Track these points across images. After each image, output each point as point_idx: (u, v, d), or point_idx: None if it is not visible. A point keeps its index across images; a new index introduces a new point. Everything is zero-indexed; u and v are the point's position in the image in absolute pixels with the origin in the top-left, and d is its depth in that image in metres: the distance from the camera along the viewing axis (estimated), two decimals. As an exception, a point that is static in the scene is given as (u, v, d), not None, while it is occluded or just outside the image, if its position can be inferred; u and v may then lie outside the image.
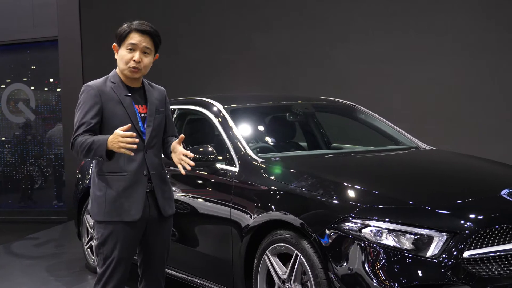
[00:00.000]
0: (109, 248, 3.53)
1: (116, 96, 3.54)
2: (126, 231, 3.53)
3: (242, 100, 5.66)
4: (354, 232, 3.52)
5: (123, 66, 3.56)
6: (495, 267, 3.43)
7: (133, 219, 3.52)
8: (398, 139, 5.48)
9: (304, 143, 5.88)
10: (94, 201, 3.58)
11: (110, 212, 3.51)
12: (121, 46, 3.57)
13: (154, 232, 3.68)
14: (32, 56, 11.37)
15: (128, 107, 3.55)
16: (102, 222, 3.55)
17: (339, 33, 8.70)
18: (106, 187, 3.52)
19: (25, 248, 7.84)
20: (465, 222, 3.51)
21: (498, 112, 7.96)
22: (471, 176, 4.49)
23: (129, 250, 3.59)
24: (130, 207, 3.51)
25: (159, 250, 3.73)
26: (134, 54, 3.52)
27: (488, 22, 8.02)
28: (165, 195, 3.69)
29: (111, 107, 3.52)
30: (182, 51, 9.49)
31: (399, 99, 8.30)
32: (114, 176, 3.52)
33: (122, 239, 3.53)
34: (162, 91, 3.80)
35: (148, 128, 3.60)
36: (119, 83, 3.59)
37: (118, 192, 3.51)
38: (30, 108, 11.17)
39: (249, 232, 4.14)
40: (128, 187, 3.52)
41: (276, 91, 8.67)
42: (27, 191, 11.35)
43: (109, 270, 3.55)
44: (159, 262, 3.76)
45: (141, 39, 3.52)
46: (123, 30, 3.55)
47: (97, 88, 3.54)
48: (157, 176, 3.64)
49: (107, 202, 3.51)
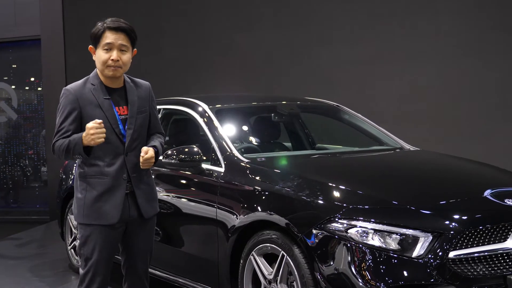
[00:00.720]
0: (89, 249, 3.54)
1: (95, 99, 3.49)
2: (105, 233, 3.53)
3: (227, 100, 5.66)
4: (340, 233, 3.53)
5: (101, 67, 3.51)
6: (480, 267, 3.47)
7: (110, 222, 3.51)
8: (382, 139, 5.51)
9: (289, 144, 5.89)
10: (75, 203, 3.60)
11: (88, 215, 3.52)
12: (97, 47, 3.51)
13: (135, 233, 3.67)
14: (14, 55, 11.28)
15: (107, 111, 3.50)
16: (82, 224, 3.56)
17: (323, 33, 8.72)
18: (85, 190, 3.53)
19: (8, 249, 7.77)
20: (450, 223, 3.54)
21: (481, 112, 8.02)
22: (455, 176, 4.52)
23: (109, 251, 3.58)
24: (108, 210, 3.50)
25: (141, 250, 3.72)
26: (111, 53, 3.47)
27: (474, 24, 8.08)
28: (147, 196, 3.66)
29: (89, 111, 3.48)
30: (165, 50, 9.47)
31: (384, 99, 8.34)
32: (94, 180, 3.52)
33: (101, 241, 3.53)
34: (147, 87, 3.75)
35: (128, 130, 3.56)
36: (98, 85, 3.53)
37: (97, 195, 3.50)
38: (12, 107, 11.09)
39: (235, 232, 4.14)
40: (107, 191, 3.51)
41: (260, 91, 8.67)
42: (9, 191, 11.26)
43: (90, 271, 3.56)
44: (142, 262, 3.75)
45: (116, 37, 3.46)
46: (97, 30, 3.49)
47: (75, 92, 3.50)
48: (138, 179, 3.61)
49: (85, 205, 3.52)
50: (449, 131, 8.07)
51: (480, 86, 8.04)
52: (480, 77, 8.03)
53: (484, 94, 8.01)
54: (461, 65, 8.09)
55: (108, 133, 3.43)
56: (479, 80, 8.04)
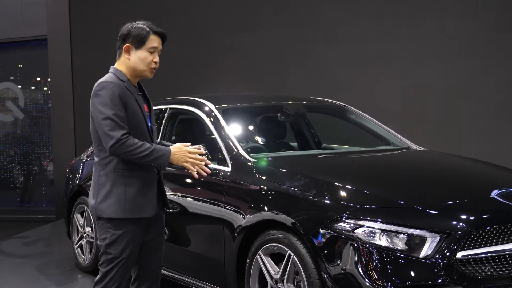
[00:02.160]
0: (119, 248, 3.50)
1: (131, 94, 3.55)
2: (137, 230, 3.53)
3: (233, 100, 5.66)
4: (347, 232, 3.53)
5: (143, 67, 3.60)
6: (488, 267, 3.46)
7: (150, 215, 3.56)
8: (389, 139, 5.50)
9: (295, 143, 5.89)
10: (110, 198, 3.50)
11: (131, 210, 3.49)
12: (139, 47, 3.58)
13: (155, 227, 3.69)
14: (21, 54, 11.30)
15: (141, 105, 3.60)
16: (114, 220, 3.50)
17: (328, 33, 8.71)
18: (124, 185, 3.50)
19: (14, 247, 7.80)
20: (458, 223, 3.53)
21: (487, 112, 8.01)
22: (462, 176, 4.51)
23: (136, 249, 3.58)
24: (147, 204, 3.55)
25: (157, 246, 3.73)
26: (154, 56, 3.62)
27: (479, 24, 8.06)
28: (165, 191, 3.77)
29: (131, 104, 3.52)
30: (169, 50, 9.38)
31: (390, 99, 8.33)
32: (134, 174, 3.51)
33: (133, 238, 3.52)
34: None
35: (153, 126, 3.70)
36: (128, 82, 3.58)
37: (138, 189, 3.52)
38: (19, 107, 11.11)
39: (242, 232, 4.14)
40: (146, 184, 3.56)
41: (264, 91, 8.67)
42: (16, 190, 11.28)
43: (114, 269, 3.51)
44: (157, 258, 3.75)
45: (159, 41, 3.64)
46: (143, 31, 3.56)
47: (118, 84, 3.51)
48: (161, 174, 3.71)
49: (127, 200, 3.49)
50: (456, 130, 8.05)
51: (486, 86, 8.02)
52: (487, 77, 8.02)
53: (490, 94, 8.00)
54: (467, 65, 8.07)
55: (145, 127, 3.56)
56: (485, 80, 8.03)
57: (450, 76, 8.15)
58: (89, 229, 6.06)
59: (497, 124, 7.95)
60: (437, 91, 8.19)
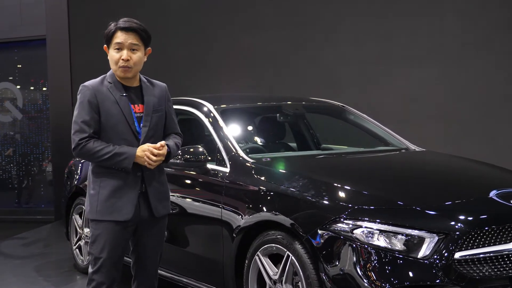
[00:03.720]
0: (98, 247, 3.55)
1: (112, 96, 3.54)
2: (115, 231, 3.54)
3: (232, 100, 5.66)
4: (345, 233, 3.53)
5: (114, 67, 3.57)
6: (486, 268, 3.46)
7: (124, 218, 3.53)
8: (388, 140, 5.50)
9: (294, 144, 5.89)
10: (87, 200, 3.61)
11: (102, 211, 3.53)
12: (109, 46, 3.58)
13: (146, 233, 3.69)
14: (19, 55, 11.30)
15: (124, 108, 3.54)
16: (93, 220, 3.57)
17: (328, 33, 8.71)
18: (99, 186, 3.55)
19: (13, 248, 7.79)
20: (456, 224, 3.53)
21: (486, 113, 8.00)
22: (461, 177, 4.51)
23: (118, 250, 3.58)
24: (122, 206, 3.52)
25: (151, 250, 3.74)
26: (121, 53, 3.53)
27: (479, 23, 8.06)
28: (159, 195, 3.68)
29: (107, 106, 3.52)
30: (170, 51, 9.46)
31: (389, 100, 8.32)
32: (109, 176, 3.54)
33: (111, 239, 3.54)
34: (163, 88, 3.78)
35: (144, 128, 3.59)
36: (115, 82, 3.58)
37: (111, 191, 3.53)
38: (17, 107, 11.10)
39: (240, 232, 4.14)
40: (121, 187, 3.53)
41: (264, 91, 8.67)
42: (14, 190, 11.27)
43: (100, 271, 3.56)
44: (152, 262, 3.77)
45: (126, 36, 3.52)
46: (109, 30, 3.56)
47: (93, 88, 3.54)
48: (151, 177, 3.63)
49: (99, 201, 3.54)
50: (455, 131, 8.05)
51: (485, 86, 8.02)
52: (486, 77, 8.01)
53: (489, 94, 8.00)
54: (467, 65, 8.07)
55: (125, 129, 3.52)
56: (484, 80, 8.02)
57: (449, 76, 8.15)
58: (88, 230, 6.06)
59: (496, 124, 7.94)
60: (436, 91, 8.18)
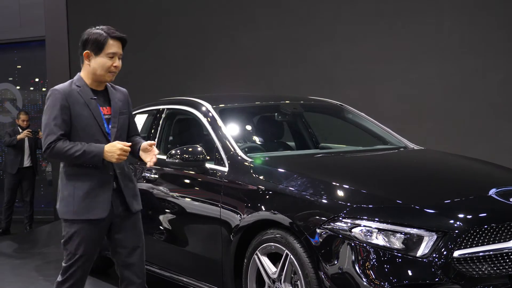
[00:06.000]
0: (73, 245, 3.66)
1: (82, 99, 3.66)
2: (90, 229, 3.66)
3: (230, 100, 5.65)
4: (344, 232, 3.53)
5: (103, 72, 3.69)
6: (485, 266, 3.45)
7: (100, 217, 3.65)
8: (386, 138, 5.49)
9: (292, 143, 5.88)
10: (62, 201, 3.70)
11: (78, 211, 3.63)
12: (98, 53, 3.67)
13: (123, 229, 3.78)
14: (19, 56, 11.30)
15: (94, 110, 3.67)
16: (68, 220, 3.67)
17: (325, 32, 8.71)
18: (74, 187, 3.65)
19: (13, 248, 7.80)
20: (455, 222, 3.52)
21: (485, 111, 8.00)
22: (460, 175, 4.50)
23: (92, 248, 3.71)
24: (97, 205, 3.64)
25: (132, 245, 3.80)
26: (114, 61, 3.67)
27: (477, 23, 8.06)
28: (132, 192, 3.81)
29: (78, 109, 3.64)
30: (166, 51, 9.47)
31: (387, 98, 8.33)
32: (82, 177, 3.65)
33: (86, 237, 3.65)
34: (125, 93, 3.94)
35: (113, 129, 3.74)
36: (84, 86, 3.70)
37: (86, 191, 3.64)
38: (17, 108, 11.10)
39: (239, 232, 4.14)
40: (96, 187, 3.65)
41: (261, 91, 8.66)
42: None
43: (73, 265, 3.68)
44: (136, 258, 3.81)
45: (118, 46, 3.70)
46: (101, 37, 3.66)
47: (63, 91, 3.65)
48: (123, 174, 3.77)
49: (75, 202, 3.63)
50: (453, 130, 8.05)
51: (483, 85, 8.02)
52: (484, 76, 8.01)
53: (487, 93, 7.99)
54: (464, 64, 8.07)
55: (96, 131, 3.65)
56: (482, 79, 8.02)
57: (449, 75, 8.15)
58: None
59: (496, 123, 7.94)
60: (435, 90, 8.18)
